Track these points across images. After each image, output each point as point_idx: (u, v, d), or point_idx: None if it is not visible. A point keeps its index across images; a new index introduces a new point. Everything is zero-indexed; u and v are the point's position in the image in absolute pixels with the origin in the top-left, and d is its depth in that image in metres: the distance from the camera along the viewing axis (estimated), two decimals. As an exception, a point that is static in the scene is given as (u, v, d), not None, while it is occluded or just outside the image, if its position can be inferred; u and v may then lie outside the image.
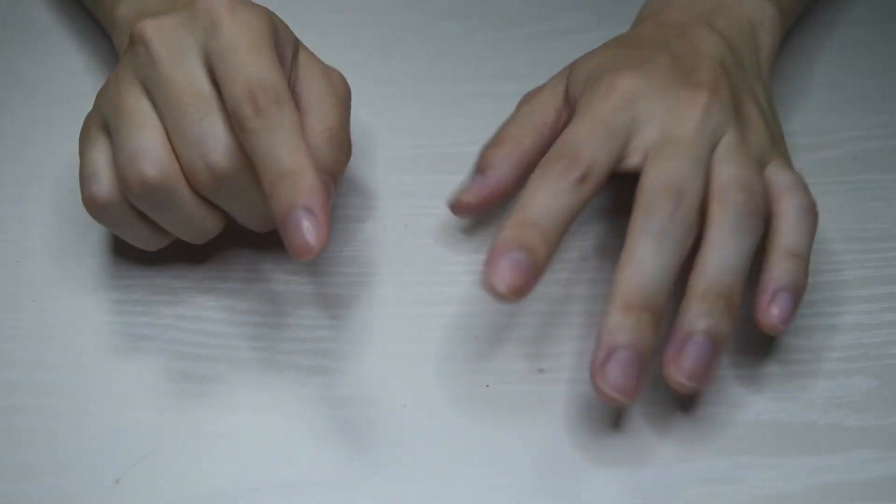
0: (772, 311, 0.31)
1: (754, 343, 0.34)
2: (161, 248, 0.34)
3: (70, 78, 0.44)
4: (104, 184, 0.31)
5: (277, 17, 0.33)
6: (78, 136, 0.33)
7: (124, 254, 0.36)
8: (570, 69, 0.37)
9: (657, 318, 0.29)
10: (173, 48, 0.31)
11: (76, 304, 0.34)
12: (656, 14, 0.39)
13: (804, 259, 0.32)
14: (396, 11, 0.40)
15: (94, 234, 0.37)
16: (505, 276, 0.29)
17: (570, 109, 0.36)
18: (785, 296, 0.31)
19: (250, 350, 0.33)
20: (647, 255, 0.30)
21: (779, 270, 0.31)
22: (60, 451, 0.30)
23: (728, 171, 0.32)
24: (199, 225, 0.33)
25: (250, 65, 0.30)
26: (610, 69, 0.34)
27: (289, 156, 0.29)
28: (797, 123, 0.44)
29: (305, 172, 0.29)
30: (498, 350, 0.34)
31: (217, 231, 0.34)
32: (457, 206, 0.35)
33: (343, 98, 0.34)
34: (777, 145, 0.35)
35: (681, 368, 0.29)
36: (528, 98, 0.38)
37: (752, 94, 0.36)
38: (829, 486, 0.30)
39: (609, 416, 0.32)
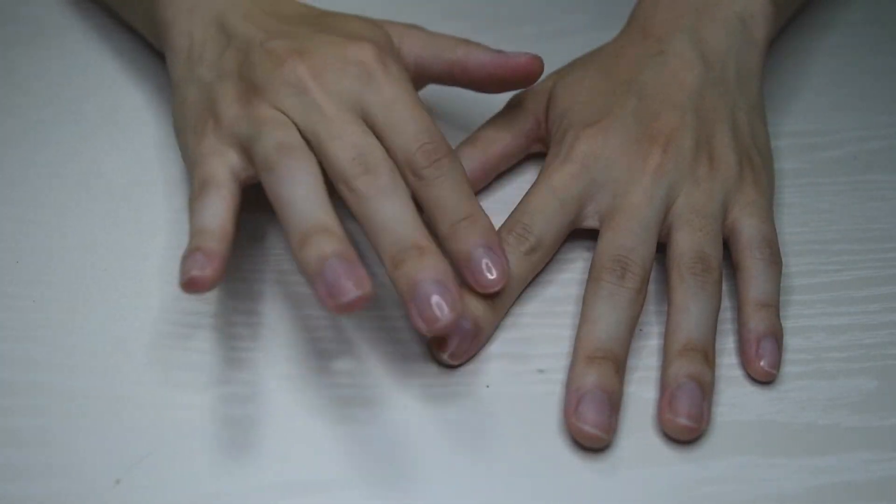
0: (760, 363, 0.33)
1: (754, 343, 0.34)
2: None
3: (70, 78, 0.44)
4: (220, 190, 0.32)
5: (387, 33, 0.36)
6: (80, 136, 0.33)
7: (123, 255, 0.36)
8: (554, 84, 0.40)
9: (619, 366, 0.32)
10: (330, 90, 0.33)
11: (76, 304, 0.34)
12: (645, 16, 0.41)
13: (774, 307, 0.34)
14: (397, 12, 0.40)
15: (93, 234, 0.37)
16: (450, 344, 0.32)
17: (546, 126, 0.39)
18: (767, 343, 0.33)
19: (250, 350, 0.33)
20: (599, 313, 0.32)
21: (753, 322, 0.33)
22: (60, 451, 0.30)
23: (682, 239, 0.34)
24: (313, 201, 0.31)
25: (417, 120, 0.33)
26: (577, 122, 0.37)
27: (466, 201, 0.33)
28: (797, 123, 0.44)
29: (481, 216, 0.33)
30: (498, 350, 0.34)
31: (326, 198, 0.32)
32: None
33: None
34: (749, 170, 0.37)
35: (676, 411, 0.31)
36: (514, 101, 0.40)
37: (730, 113, 0.37)
38: (830, 486, 0.30)
39: (609, 417, 0.32)
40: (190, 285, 0.29)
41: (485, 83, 0.36)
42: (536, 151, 0.40)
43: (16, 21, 0.47)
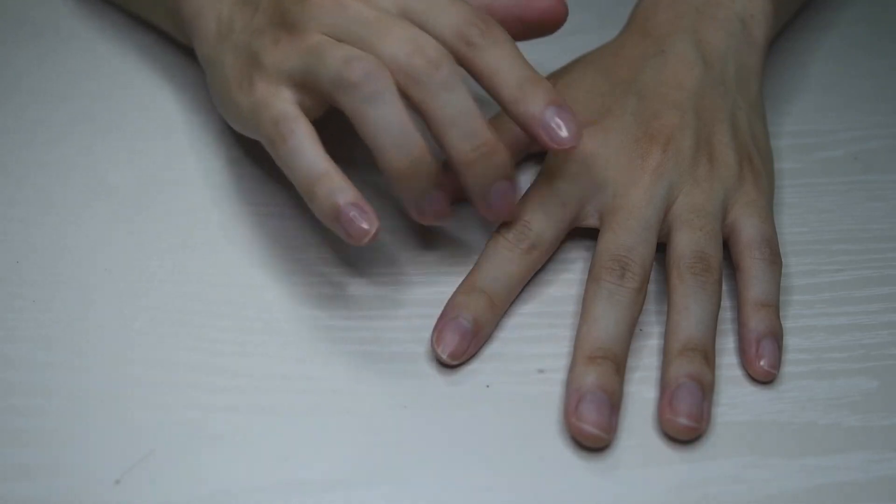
0: (760, 362, 0.33)
1: (754, 343, 0.34)
2: (322, 192, 0.32)
3: (70, 78, 0.44)
4: (292, 119, 0.32)
5: None
6: (80, 136, 0.33)
7: (124, 255, 0.36)
8: (554, 84, 0.39)
9: (618, 366, 0.32)
10: (370, 4, 0.32)
11: (76, 304, 0.34)
12: (645, 16, 0.41)
13: (774, 307, 0.34)
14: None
15: (93, 235, 0.37)
16: (449, 344, 0.32)
17: None
18: (766, 344, 0.33)
19: (250, 350, 0.33)
20: (599, 313, 0.33)
21: (754, 322, 0.33)
22: (60, 451, 0.30)
23: (682, 238, 0.34)
24: (406, 131, 0.31)
25: (458, 3, 0.32)
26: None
27: (523, 65, 0.32)
28: (797, 123, 0.44)
29: (541, 78, 0.32)
30: (498, 350, 0.34)
31: (415, 139, 0.31)
32: None
33: None
34: (749, 170, 0.37)
35: (677, 411, 0.31)
36: None
37: (730, 113, 0.37)
38: (830, 486, 0.30)
39: (609, 417, 0.32)
40: (360, 239, 0.31)
41: (509, 27, 0.35)
42: (536, 151, 0.40)
43: (22, 22, 0.47)
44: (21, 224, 0.37)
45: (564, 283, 0.36)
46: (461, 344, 0.32)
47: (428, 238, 0.37)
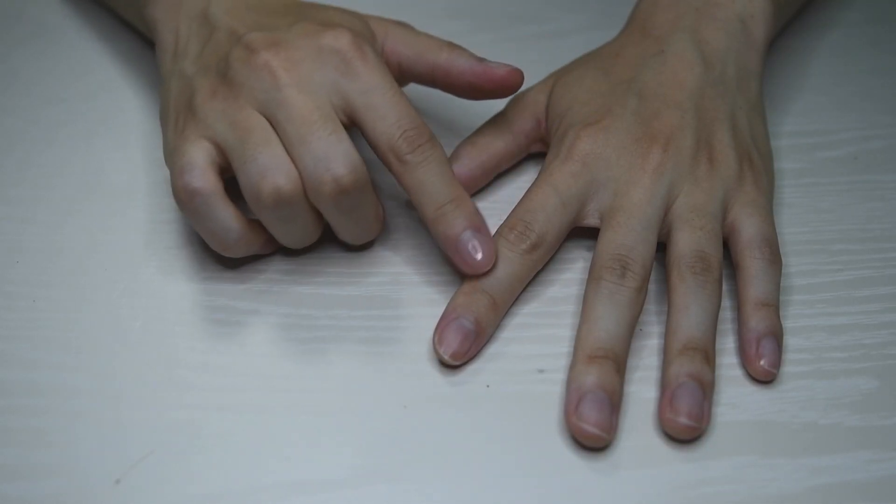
0: (760, 362, 0.33)
1: (754, 343, 0.34)
2: (238, 250, 0.34)
3: (70, 78, 0.44)
4: (199, 175, 0.32)
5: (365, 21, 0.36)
6: (80, 136, 0.33)
7: (123, 255, 0.36)
8: (554, 83, 0.40)
9: (619, 365, 0.32)
10: (302, 80, 0.32)
11: (76, 304, 0.34)
12: (644, 16, 0.41)
13: (774, 307, 0.34)
14: (397, 11, 0.40)
15: (91, 234, 0.37)
16: (451, 344, 0.32)
17: (546, 126, 0.39)
18: (767, 343, 0.33)
19: (249, 350, 0.33)
20: (600, 312, 0.33)
21: (754, 321, 0.33)
22: (60, 451, 0.30)
23: (682, 238, 0.34)
24: (308, 234, 0.35)
25: (397, 106, 0.33)
26: (577, 121, 0.37)
27: (449, 185, 0.33)
28: (797, 123, 0.44)
29: (465, 199, 0.33)
30: (498, 350, 0.34)
31: (314, 240, 0.35)
32: None
33: None
34: (749, 170, 0.37)
35: (677, 410, 0.31)
36: (514, 101, 0.40)
37: (730, 112, 0.38)
38: (830, 486, 0.30)
39: (609, 417, 0.32)
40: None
41: (464, 90, 0.36)
42: (536, 151, 0.40)
43: (17, 21, 0.47)
44: (20, 224, 0.37)
45: (564, 283, 0.36)
46: (463, 344, 0.32)
47: (428, 238, 0.37)
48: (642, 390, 0.33)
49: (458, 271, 0.33)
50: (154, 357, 0.33)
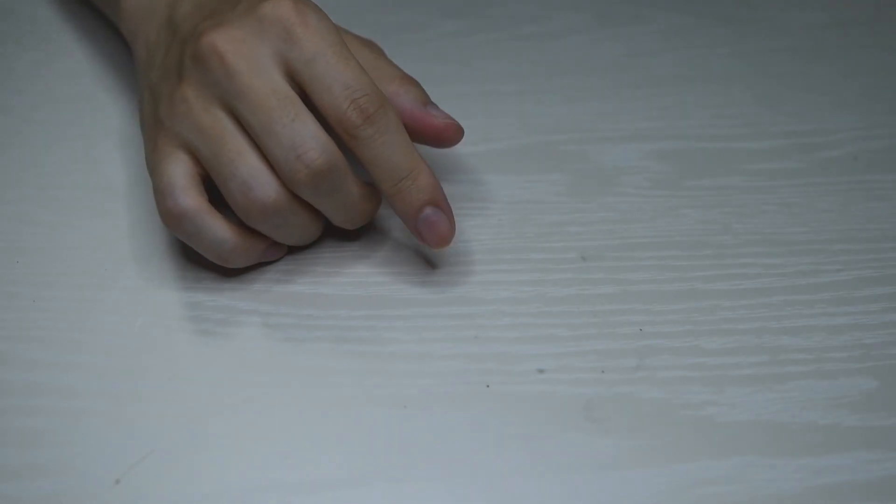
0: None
1: (754, 343, 0.34)
2: (237, 260, 0.34)
3: (72, 79, 0.44)
4: (181, 196, 0.32)
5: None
6: (79, 136, 0.33)
7: (123, 255, 0.36)
8: None
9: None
10: (250, 58, 0.31)
11: (77, 304, 0.34)
12: None
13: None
14: (396, 11, 0.40)
15: (92, 234, 0.37)
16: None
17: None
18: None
19: (249, 350, 0.33)
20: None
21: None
22: (60, 451, 0.30)
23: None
24: (309, 232, 0.35)
25: (344, 72, 0.31)
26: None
27: (405, 157, 0.32)
28: (797, 123, 0.44)
29: (423, 170, 0.33)
30: (498, 350, 0.34)
31: (318, 234, 0.35)
32: None
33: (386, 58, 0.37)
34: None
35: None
36: None
37: None
38: (830, 486, 0.30)
39: (609, 416, 0.32)
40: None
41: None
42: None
43: (13, 20, 0.47)
44: (19, 224, 0.37)
45: (564, 283, 0.36)
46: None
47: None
48: (642, 390, 0.33)
49: (422, 242, 0.34)
50: (154, 357, 0.33)
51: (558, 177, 0.41)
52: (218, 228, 0.33)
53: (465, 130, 0.40)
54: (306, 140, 0.31)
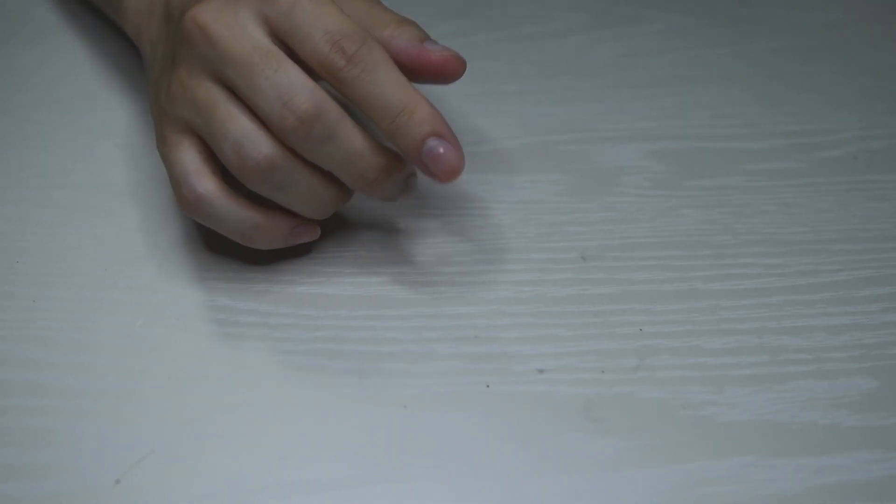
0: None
1: (754, 343, 0.34)
2: (262, 240, 0.34)
3: (72, 78, 0.44)
4: (195, 181, 0.32)
5: None
6: (79, 136, 0.33)
7: (123, 255, 0.36)
8: None
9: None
10: (231, 24, 0.31)
11: (76, 305, 0.34)
12: None
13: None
14: (396, 11, 0.40)
15: (92, 234, 0.37)
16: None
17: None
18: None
19: (250, 350, 0.33)
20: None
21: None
22: (60, 451, 0.30)
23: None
24: (321, 195, 0.33)
25: (322, 17, 0.31)
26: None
27: (398, 92, 0.31)
28: (797, 123, 0.44)
29: (420, 102, 0.31)
30: (498, 350, 0.34)
31: (338, 204, 0.34)
32: None
33: None
34: None
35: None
36: None
37: None
38: (830, 486, 0.30)
39: (609, 416, 0.32)
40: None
41: (402, 70, 0.34)
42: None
43: (15, 20, 0.47)
44: (19, 224, 0.37)
45: (564, 283, 0.36)
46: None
47: (427, 238, 0.37)
48: (642, 390, 0.33)
49: (430, 177, 0.32)
50: (154, 357, 0.33)
51: (558, 177, 0.41)
52: (237, 209, 0.32)
53: (465, 130, 0.40)
54: (291, 88, 0.30)
